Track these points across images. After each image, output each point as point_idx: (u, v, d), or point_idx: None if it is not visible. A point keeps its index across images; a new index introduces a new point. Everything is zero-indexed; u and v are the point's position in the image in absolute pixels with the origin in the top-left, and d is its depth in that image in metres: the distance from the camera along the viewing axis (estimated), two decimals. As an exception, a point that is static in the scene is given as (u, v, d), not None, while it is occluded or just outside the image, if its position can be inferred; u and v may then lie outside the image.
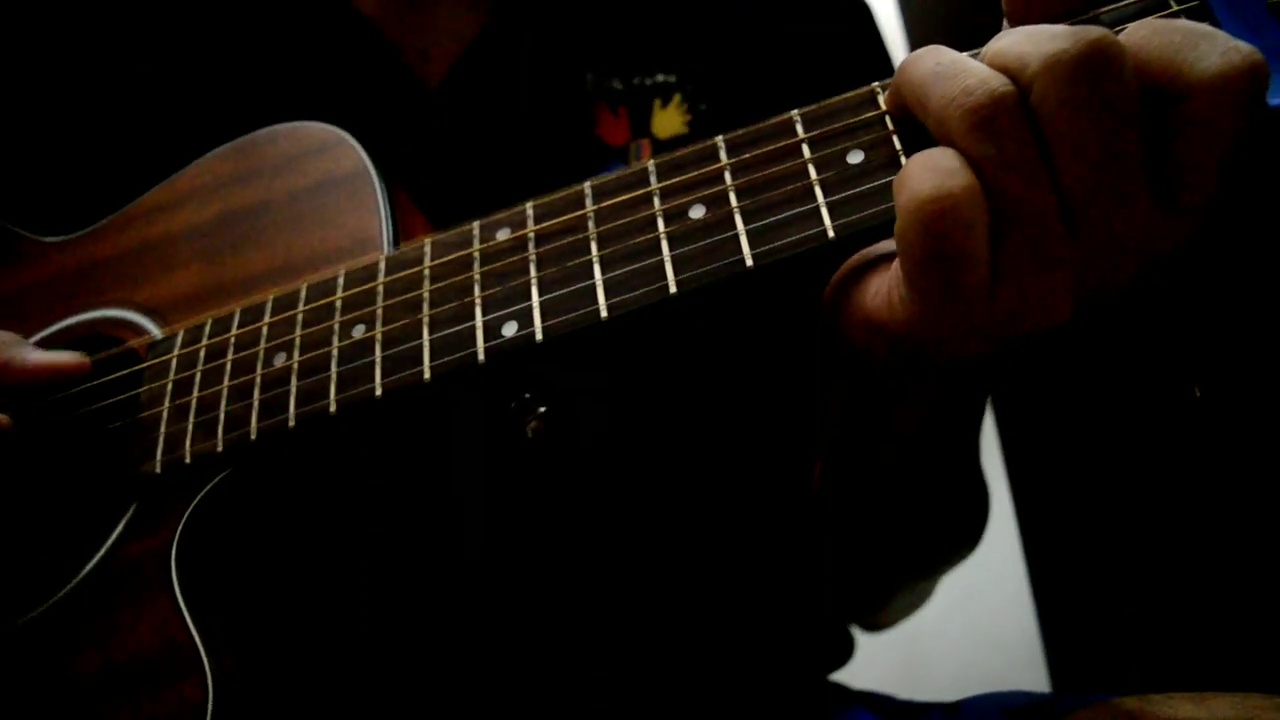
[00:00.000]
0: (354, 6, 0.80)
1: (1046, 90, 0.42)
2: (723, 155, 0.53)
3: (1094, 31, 0.42)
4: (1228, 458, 1.06)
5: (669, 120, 0.79)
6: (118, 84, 0.79)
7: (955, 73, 0.45)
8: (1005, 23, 0.50)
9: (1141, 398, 1.13)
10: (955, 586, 0.93)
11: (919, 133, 0.48)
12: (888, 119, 0.50)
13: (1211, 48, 0.42)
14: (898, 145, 0.49)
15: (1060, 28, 0.43)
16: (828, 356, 0.59)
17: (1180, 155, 0.43)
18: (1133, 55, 0.43)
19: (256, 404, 0.59)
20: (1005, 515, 1.38)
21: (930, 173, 0.44)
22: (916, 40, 1.56)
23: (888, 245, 0.51)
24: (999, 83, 0.43)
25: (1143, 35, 0.44)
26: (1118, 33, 0.45)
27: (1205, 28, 0.43)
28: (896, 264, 0.48)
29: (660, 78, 0.81)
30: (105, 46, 0.81)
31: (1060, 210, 0.44)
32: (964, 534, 0.82)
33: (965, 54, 0.48)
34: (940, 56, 0.46)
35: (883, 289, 0.50)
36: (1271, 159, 0.46)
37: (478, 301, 0.56)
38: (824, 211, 0.49)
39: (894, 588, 0.88)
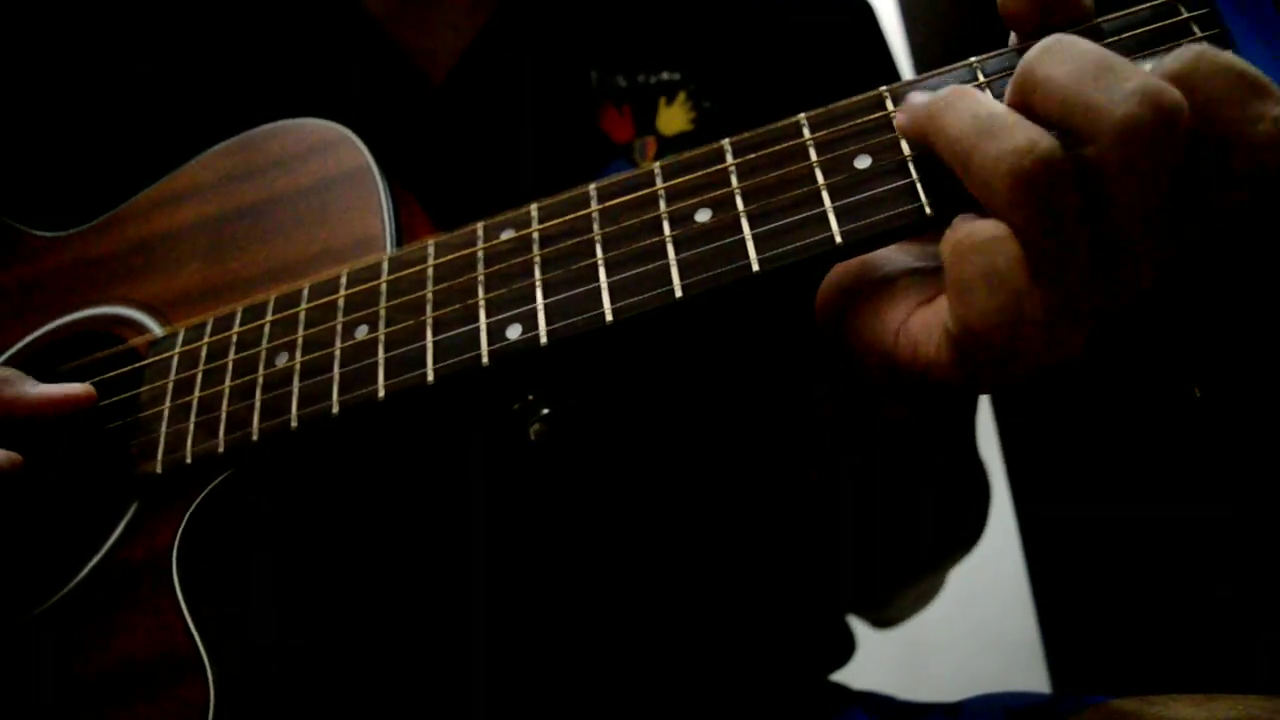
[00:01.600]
0: (358, 3, 0.80)
1: (1114, 157, 0.41)
2: (729, 158, 0.53)
3: (1169, 95, 0.41)
4: (1228, 458, 1.06)
5: (674, 118, 0.79)
6: (120, 80, 0.79)
7: (999, 129, 0.43)
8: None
9: (1141, 398, 1.13)
10: (955, 586, 0.93)
11: None
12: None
13: (1265, 109, 0.41)
14: (906, 150, 0.49)
15: (1133, 82, 0.41)
16: (821, 364, 0.59)
17: (1214, 203, 0.43)
18: (1189, 103, 0.41)
19: (258, 404, 0.59)
20: (1005, 515, 1.38)
21: (986, 258, 0.43)
22: (916, 40, 1.56)
23: (888, 265, 0.51)
24: (1048, 145, 0.41)
25: (1195, 80, 0.42)
26: (1140, 58, 0.45)
27: (1260, 78, 0.42)
28: (938, 317, 0.47)
29: (665, 75, 0.80)
30: (107, 43, 0.80)
31: (1094, 263, 0.43)
32: (964, 528, 0.82)
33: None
34: (978, 108, 0.44)
35: (910, 334, 0.49)
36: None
37: (481, 303, 0.55)
38: (831, 217, 0.49)
39: (896, 584, 0.88)
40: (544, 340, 0.53)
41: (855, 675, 0.89)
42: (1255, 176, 0.42)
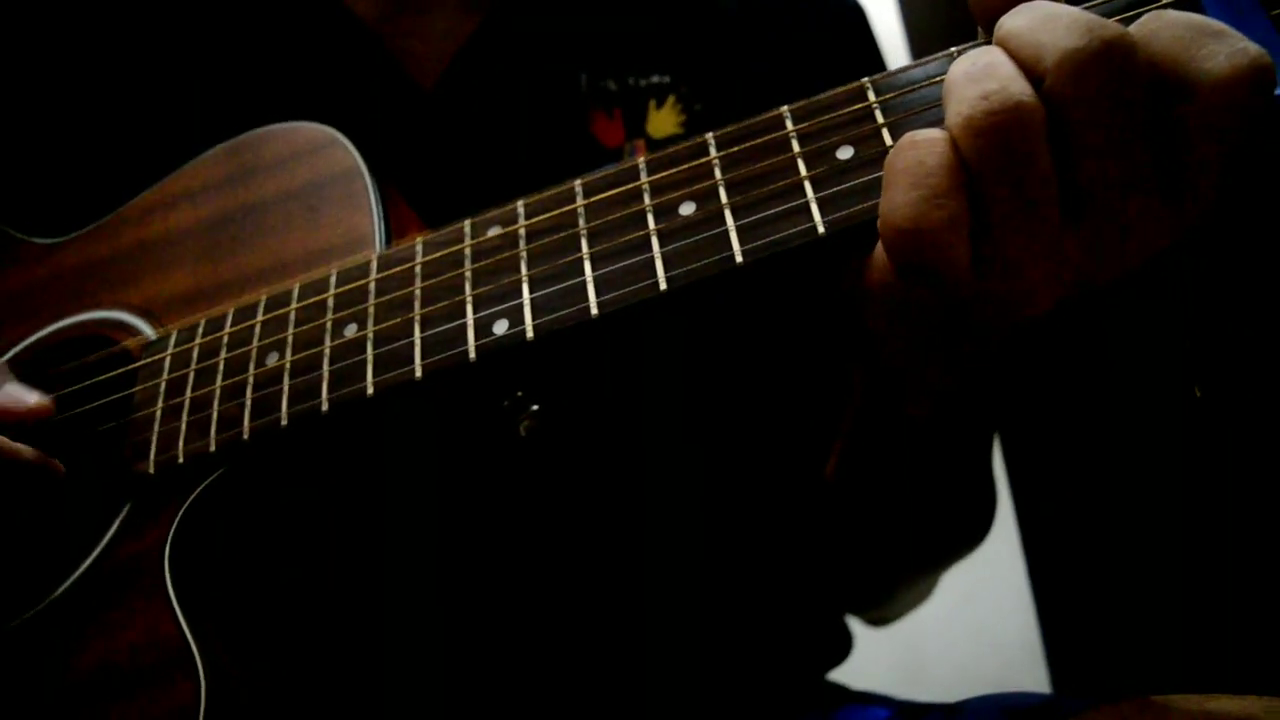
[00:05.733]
0: (349, 8, 0.80)
1: (1061, 86, 0.42)
2: (712, 151, 0.53)
3: (1110, 28, 0.42)
4: (1228, 458, 1.06)
5: (664, 121, 0.79)
6: (113, 85, 0.80)
7: (983, 77, 0.44)
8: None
9: (1142, 398, 1.12)
10: (955, 586, 0.93)
11: (908, 128, 0.48)
12: (878, 113, 0.50)
13: (1219, 47, 0.42)
14: (888, 141, 0.49)
15: (1076, 17, 0.43)
16: (847, 341, 0.59)
17: (1185, 152, 0.43)
18: (1141, 50, 0.42)
19: (249, 403, 0.59)
20: (1005, 515, 1.38)
21: (914, 189, 0.43)
22: (917, 40, 1.56)
23: None
24: (1018, 89, 0.43)
25: (1151, 29, 0.43)
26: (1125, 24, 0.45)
27: (1215, 24, 0.43)
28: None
29: (655, 79, 0.81)
30: (101, 47, 0.81)
31: (1062, 206, 0.44)
32: (970, 530, 0.82)
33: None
34: (976, 58, 0.45)
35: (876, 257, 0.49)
36: (1272, 152, 0.46)
37: (468, 299, 0.55)
38: (814, 207, 0.49)
39: (898, 581, 0.88)
40: (530, 335, 0.53)
41: (855, 675, 0.88)
42: (1220, 119, 0.42)
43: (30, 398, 0.64)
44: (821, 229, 0.49)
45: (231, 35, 0.80)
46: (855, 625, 0.92)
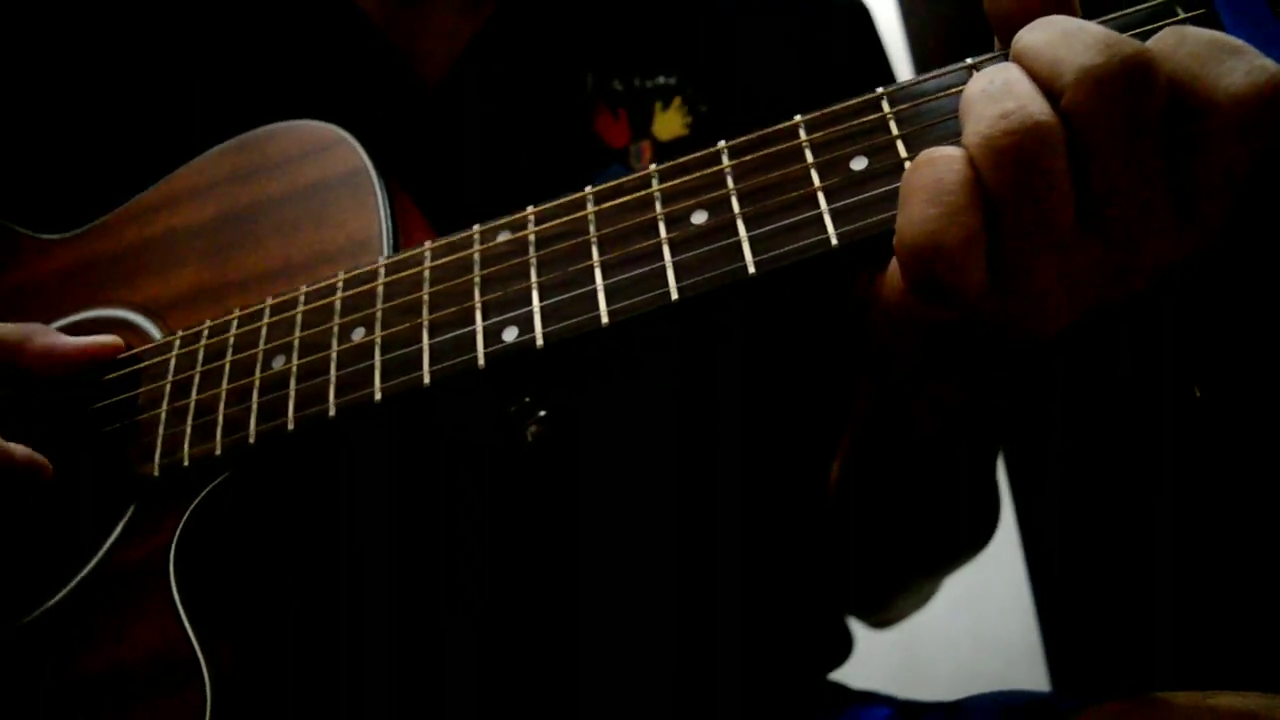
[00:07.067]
0: (354, 5, 0.80)
1: (1079, 103, 0.42)
2: (725, 160, 0.53)
3: (1128, 44, 0.42)
4: (1228, 458, 1.06)
5: (669, 122, 0.79)
6: (118, 82, 0.79)
7: (1002, 96, 0.44)
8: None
9: (1142, 399, 1.12)
10: (955, 586, 0.93)
11: (923, 139, 0.47)
12: (892, 125, 0.50)
13: (1238, 64, 0.42)
14: (902, 152, 0.49)
15: (1095, 34, 0.43)
16: (858, 351, 0.59)
17: (1202, 168, 0.43)
18: (1159, 66, 0.42)
19: (255, 407, 0.59)
20: (1005, 515, 1.38)
21: (930, 205, 0.43)
22: (917, 41, 1.56)
23: None
24: (1037, 109, 0.42)
25: (1170, 45, 0.43)
26: (1142, 38, 0.45)
27: (1234, 41, 0.43)
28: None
29: (661, 79, 0.80)
30: (105, 45, 0.80)
31: (1078, 222, 0.44)
32: (973, 537, 0.82)
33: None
34: (994, 76, 0.45)
35: (890, 270, 0.49)
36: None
37: (478, 306, 0.55)
38: (827, 219, 0.49)
39: (900, 586, 0.88)
40: (540, 343, 0.53)
41: (855, 675, 0.89)
42: (1237, 135, 0.42)
43: (104, 339, 0.64)
44: (834, 241, 0.49)
45: (237, 32, 0.80)
46: (855, 625, 0.92)
